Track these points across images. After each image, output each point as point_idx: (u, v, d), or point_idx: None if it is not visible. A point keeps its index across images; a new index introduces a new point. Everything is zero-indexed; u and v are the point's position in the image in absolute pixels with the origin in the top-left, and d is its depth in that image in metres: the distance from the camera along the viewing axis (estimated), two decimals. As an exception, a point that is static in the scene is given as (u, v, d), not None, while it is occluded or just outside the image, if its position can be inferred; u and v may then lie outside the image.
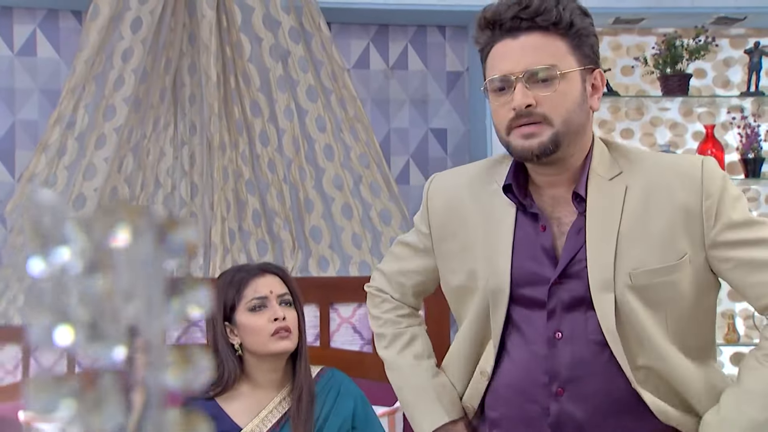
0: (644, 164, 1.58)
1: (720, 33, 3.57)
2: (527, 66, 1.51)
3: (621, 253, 1.53)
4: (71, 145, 2.91)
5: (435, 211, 1.71)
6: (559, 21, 1.52)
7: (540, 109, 1.51)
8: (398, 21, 3.42)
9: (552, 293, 1.56)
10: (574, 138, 1.54)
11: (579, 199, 1.56)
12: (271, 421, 2.15)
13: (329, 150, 3.06)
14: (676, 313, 1.55)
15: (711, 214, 1.53)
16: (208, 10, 2.99)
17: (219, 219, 2.97)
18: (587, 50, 1.55)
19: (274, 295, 2.16)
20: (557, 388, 1.56)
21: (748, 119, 3.53)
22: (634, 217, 1.54)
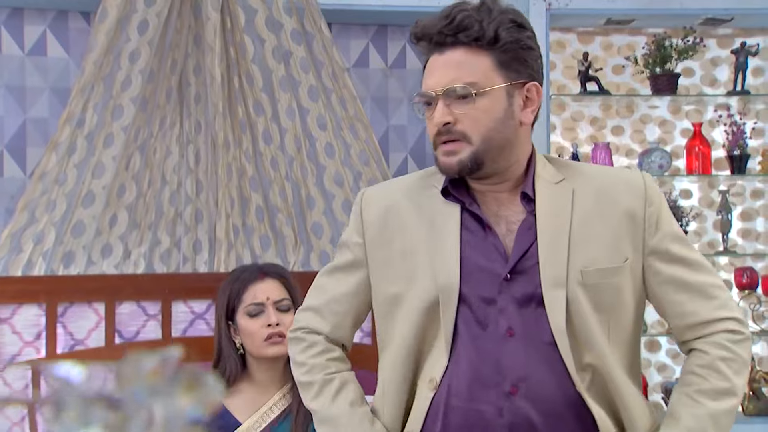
0: (587, 173, 1.58)
1: (707, 33, 3.60)
2: (446, 83, 1.47)
3: (573, 250, 1.50)
4: (81, 144, 2.93)
5: (369, 221, 1.62)
6: (481, 36, 1.47)
7: (459, 127, 1.48)
8: (396, 21, 3.44)
9: (502, 290, 1.51)
10: (499, 154, 1.50)
11: (527, 199, 1.53)
12: (270, 417, 2.19)
13: (330, 148, 3.08)
14: (617, 321, 1.53)
15: (653, 222, 1.53)
16: (213, 12, 3.01)
17: (223, 215, 2.99)
18: (517, 65, 1.49)
19: (270, 301, 2.20)
20: (510, 387, 1.49)
21: (735, 117, 3.55)
22: (584, 217, 1.52)
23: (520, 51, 1.49)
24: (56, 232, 2.87)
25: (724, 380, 1.49)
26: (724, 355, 1.50)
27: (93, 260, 2.91)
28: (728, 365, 1.50)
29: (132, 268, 2.95)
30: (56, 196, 2.90)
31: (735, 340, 1.52)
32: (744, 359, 1.52)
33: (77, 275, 2.87)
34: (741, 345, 1.52)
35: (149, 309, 2.87)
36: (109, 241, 2.94)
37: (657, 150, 3.49)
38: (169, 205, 3.02)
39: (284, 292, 2.23)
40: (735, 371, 1.50)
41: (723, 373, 1.50)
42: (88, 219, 2.90)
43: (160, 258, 2.99)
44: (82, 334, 2.84)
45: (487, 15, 1.47)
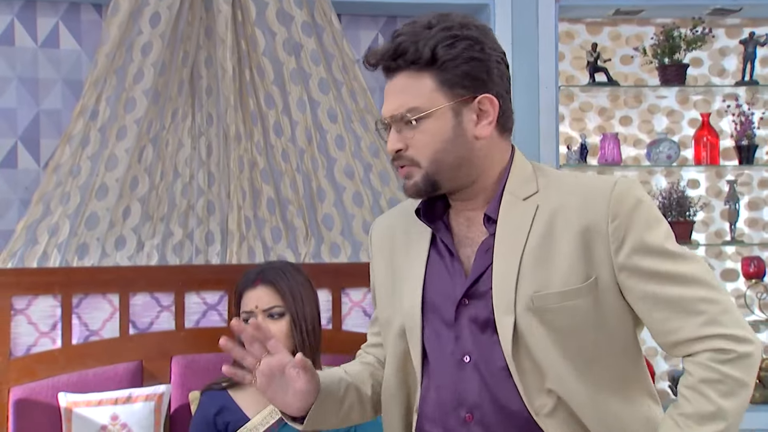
0: (561, 185, 1.48)
1: (716, 23, 3.56)
2: (391, 111, 1.45)
3: (524, 274, 1.42)
4: (94, 136, 2.92)
5: (375, 249, 1.64)
6: (417, 59, 1.41)
7: (409, 152, 1.44)
8: (406, 12, 3.41)
9: (459, 314, 1.46)
10: (455, 172, 1.44)
11: (490, 221, 1.47)
12: (278, 414, 2.19)
13: (340, 140, 3.07)
14: (582, 341, 1.42)
15: (618, 237, 1.41)
16: (224, 5, 2.99)
17: (235, 207, 2.99)
18: (462, 80, 1.42)
19: (259, 309, 2.20)
20: (466, 414, 1.45)
21: (743, 107, 3.53)
22: (540, 238, 1.43)
23: (464, 66, 1.42)
24: (70, 224, 2.87)
25: (709, 404, 1.36)
26: (709, 377, 1.37)
27: (107, 252, 2.91)
28: (713, 387, 1.37)
29: (145, 260, 2.95)
30: (70, 189, 2.90)
31: (723, 360, 1.37)
32: (736, 379, 1.37)
33: (92, 267, 2.87)
34: (731, 364, 1.37)
35: (163, 300, 2.87)
36: (123, 233, 2.94)
37: (665, 140, 3.46)
38: (182, 197, 3.01)
39: (276, 298, 2.21)
40: (722, 393, 1.37)
41: (707, 396, 1.37)
42: (102, 211, 2.90)
43: (172, 250, 2.99)
44: (97, 324, 2.84)
45: (426, 34, 1.42)
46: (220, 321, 2.90)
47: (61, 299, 2.80)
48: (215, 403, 2.22)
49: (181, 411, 2.72)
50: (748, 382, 1.39)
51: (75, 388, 2.70)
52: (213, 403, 2.22)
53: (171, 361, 2.80)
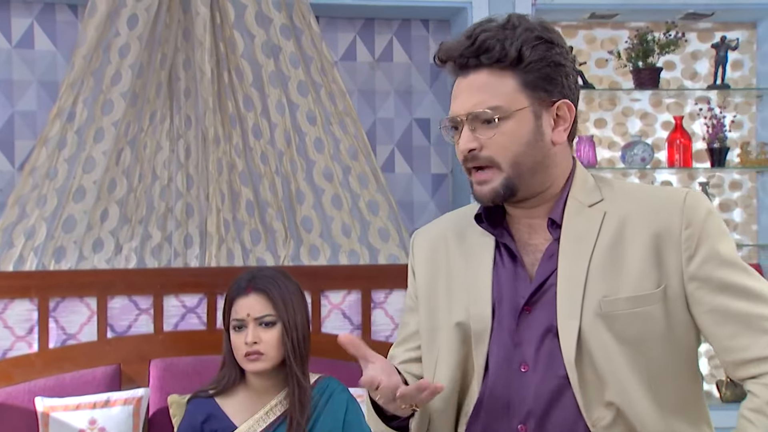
0: (627, 193, 1.45)
1: (688, 27, 3.60)
2: (470, 108, 1.38)
3: (592, 278, 1.37)
4: (71, 139, 2.89)
5: (418, 262, 1.58)
6: (503, 57, 1.37)
7: (486, 152, 1.39)
8: (383, 15, 3.41)
9: (521, 320, 1.41)
10: (531, 177, 1.41)
11: (554, 226, 1.43)
12: (266, 422, 2.18)
13: (319, 143, 3.06)
14: (649, 354, 1.37)
15: (691, 245, 1.37)
16: (202, 7, 2.96)
17: (214, 209, 2.97)
18: (544, 83, 1.39)
19: (251, 317, 2.18)
20: (518, 424, 1.40)
21: (714, 110, 3.57)
22: (609, 244, 1.39)
23: (547, 69, 1.38)
24: (47, 227, 2.84)
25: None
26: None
27: (84, 255, 2.88)
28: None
29: (123, 263, 2.92)
30: (47, 191, 2.86)
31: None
32: None
33: (69, 270, 2.84)
34: None
35: (141, 303, 2.85)
36: (100, 236, 2.91)
37: (639, 143, 3.49)
38: (160, 200, 2.99)
39: (268, 307, 2.19)
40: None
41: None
42: (79, 214, 2.87)
43: (151, 253, 2.96)
44: (74, 328, 2.81)
45: (511, 34, 1.38)
46: (199, 324, 2.88)
47: (38, 303, 2.77)
48: (202, 410, 2.20)
49: (160, 414, 2.70)
50: None
51: (52, 393, 2.67)
52: (200, 410, 2.20)
53: (149, 364, 2.78)
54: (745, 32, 3.66)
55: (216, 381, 2.24)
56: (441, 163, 3.50)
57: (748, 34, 3.66)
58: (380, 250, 3.04)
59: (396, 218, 3.08)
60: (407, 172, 3.47)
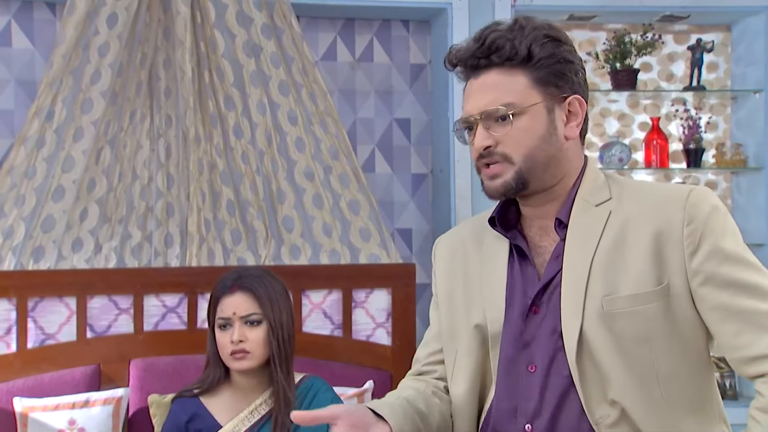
0: (635, 192, 1.46)
1: (665, 29, 3.63)
2: (483, 107, 1.42)
3: (594, 278, 1.39)
4: (50, 138, 2.86)
5: (439, 267, 1.63)
6: (514, 55, 1.41)
7: (500, 149, 1.42)
8: (364, 15, 3.41)
9: (530, 322, 1.44)
10: (544, 171, 1.43)
11: (561, 225, 1.45)
12: (250, 421, 2.17)
13: (300, 142, 3.05)
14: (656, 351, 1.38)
15: (693, 240, 1.37)
16: (183, 7, 2.94)
17: (195, 209, 2.95)
18: (555, 80, 1.42)
19: (237, 316, 2.18)
20: (525, 424, 1.42)
21: (690, 112, 3.60)
22: (611, 243, 1.41)
23: (557, 65, 1.42)
24: (26, 226, 2.80)
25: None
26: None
27: (63, 255, 2.85)
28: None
29: (103, 263, 2.89)
30: (25, 191, 2.83)
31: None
32: None
33: (48, 270, 2.81)
34: None
35: (121, 303, 2.82)
36: (80, 236, 2.88)
37: (617, 144, 3.52)
38: (140, 199, 2.96)
39: (254, 305, 2.18)
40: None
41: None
42: (58, 213, 2.84)
43: (131, 252, 2.94)
44: (53, 328, 2.78)
45: (520, 33, 1.41)
46: (180, 324, 2.86)
47: (17, 303, 2.74)
48: (187, 410, 2.19)
49: (140, 415, 2.68)
50: None
51: (31, 393, 2.64)
52: (184, 410, 2.19)
53: (129, 364, 2.76)
54: (720, 35, 3.69)
55: (200, 380, 2.23)
56: (421, 163, 3.50)
57: (723, 37, 3.70)
58: (361, 249, 3.04)
59: (377, 218, 3.07)
60: (387, 172, 3.47)
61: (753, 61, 3.55)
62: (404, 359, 2.92)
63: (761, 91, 3.49)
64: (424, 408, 1.52)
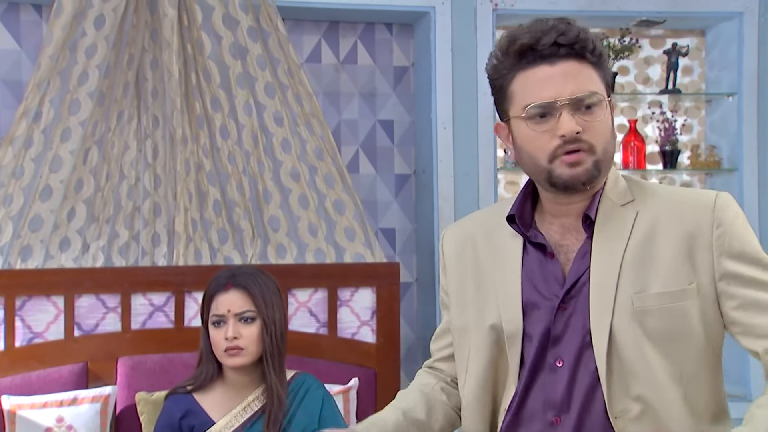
0: (657, 195, 1.48)
1: (641, 34, 3.66)
2: (572, 93, 1.39)
3: (624, 276, 1.40)
4: (37, 138, 2.83)
5: (449, 256, 1.61)
6: (593, 49, 1.42)
7: (585, 137, 1.40)
8: (348, 18, 3.41)
9: (557, 319, 1.44)
10: (609, 166, 1.45)
11: (588, 222, 1.45)
12: (243, 417, 2.17)
13: (286, 143, 3.05)
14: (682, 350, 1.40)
15: (721, 243, 1.41)
16: (170, 9, 2.93)
17: (182, 209, 2.94)
18: (609, 79, 1.46)
19: (231, 313, 2.17)
20: (553, 417, 1.43)
21: (666, 114, 3.63)
22: (641, 242, 1.42)
23: (608, 67, 1.46)
24: (13, 226, 2.78)
25: None
26: None
27: (51, 254, 2.83)
28: None
29: (91, 262, 2.88)
30: (13, 190, 2.81)
31: None
32: None
33: (36, 269, 2.79)
34: None
35: (108, 302, 2.81)
36: (68, 235, 2.86)
37: (596, 145, 3.55)
38: (128, 199, 2.95)
39: (248, 303, 2.18)
40: None
41: None
42: (46, 213, 2.82)
43: (118, 251, 2.92)
44: (41, 327, 2.76)
45: (584, 30, 1.42)
46: (167, 322, 2.85)
47: (4, 301, 2.72)
48: (180, 406, 2.18)
49: (127, 412, 2.67)
50: None
51: (19, 391, 2.62)
52: (178, 406, 2.19)
53: (117, 362, 2.74)
54: (694, 39, 3.73)
55: (193, 377, 2.22)
56: (404, 163, 3.51)
57: (698, 41, 3.74)
58: (346, 249, 3.04)
59: (361, 217, 3.08)
60: (371, 173, 3.47)
61: (726, 66, 3.59)
62: (389, 357, 2.93)
63: (734, 95, 3.53)
64: (424, 416, 1.56)
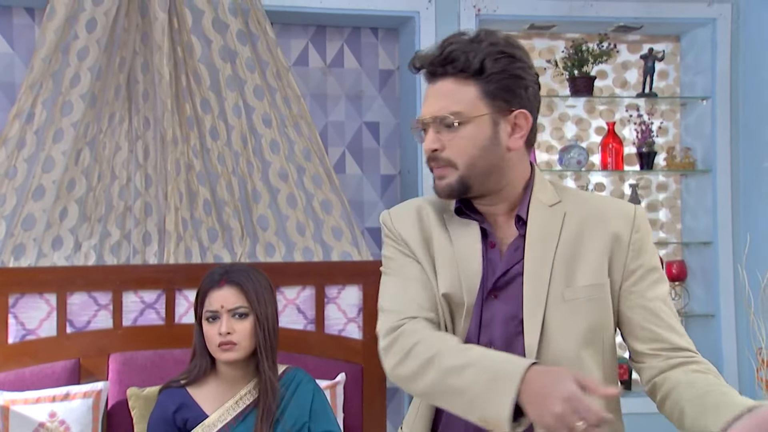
0: (581, 199, 1.57)
1: (619, 39, 3.72)
2: (434, 113, 1.48)
3: (556, 270, 1.48)
4: (30, 139, 2.85)
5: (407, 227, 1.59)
6: (467, 67, 1.46)
7: (445, 153, 1.48)
8: (335, 23, 3.44)
9: (488, 306, 1.50)
10: (486, 178, 1.49)
11: (521, 222, 1.53)
12: (236, 411, 2.20)
13: (275, 144, 3.07)
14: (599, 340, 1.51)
15: (636, 248, 1.52)
16: (161, 13, 2.95)
17: (172, 208, 2.95)
18: (504, 94, 1.47)
19: (224, 309, 2.20)
20: None
21: (643, 117, 3.69)
22: (570, 239, 1.51)
23: (507, 81, 1.47)
24: (6, 225, 2.79)
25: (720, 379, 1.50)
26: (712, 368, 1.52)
27: (44, 252, 2.84)
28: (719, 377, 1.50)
29: (83, 260, 2.89)
30: (6, 190, 2.82)
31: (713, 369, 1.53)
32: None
33: (28, 267, 2.80)
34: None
35: (100, 299, 2.82)
36: (60, 234, 2.87)
37: (575, 147, 3.59)
38: (119, 198, 2.96)
39: (241, 299, 2.21)
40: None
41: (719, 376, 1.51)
42: (39, 212, 2.83)
43: (110, 250, 2.94)
44: (34, 324, 2.77)
45: (477, 46, 1.47)
46: (158, 319, 2.87)
47: (-2, 299, 2.72)
48: (174, 400, 2.20)
49: (119, 407, 2.68)
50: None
51: (12, 387, 2.63)
52: (172, 400, 2.20)
53: (109, 358, 2.76)
54: (670, 45, 3.79)
55: (187, 371, 2.24)
56: (390, 164, 3.54)
57: (673, 47, 3.80)
58: (333, 247, 3.07)
59: (348, 217, 3.11)
60: (357, 173, 3.51)
61: (701, 70, 3.65)
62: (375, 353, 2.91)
63: (708, 98, 3.60)
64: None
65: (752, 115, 3.52)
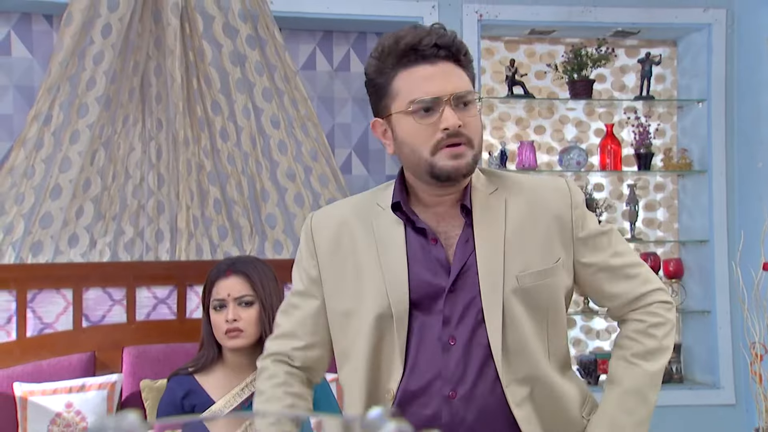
0: (515, 182, 1.54)
1: (617, 44, 3.71)
2: (454, 90, 1.42)
3: (508, 257, 1.46)
4: (48, 140, 2.87)
5: (321, 242, 1.54)
6: (465, 53, 1.46)
7: (465, 131, 1.43)
8: (341, 28, 3.45)
9: (447, 301, 1.46)
10: (479, 160, 1.49)
11: (466, 211, 1.49)
12: (242, 397, 2.21)
13: (283, 145, 3.08)
14: (554, 322, 1.50)
15: (579, 222, 1.52)
16: (173, 19, 2.97)
17: (184, 207, 2.97)
18: (474, 82, 1.49)
19: (231, 297, 2.21)
20: (449, 392, 1.45)
21: (641, 119, 3.68)
22: (517, 225, 1.49)
23: (473, 74, 1.49)
24: (25, 223, 2.81)
25: (656, 342, 1.52)
26: (657, 321, 1.53)
27: (60, 249, 2.86)
28: (659, 329, 1.53)
29: (98, 257, 2.91)
30: (25, 189, 2.84)
31: (667, 308, 1.55)
32: (673, 323, 1.55)
33: (46, 263, 2.82)
34: (671, 311, 1.55)
35: (114, 295, 2.84)
36: (76, 232, 2.89)
37: (575, 148, 3.59)
38: (132, 197, 2.98)
39: (247, 287, 2.22)
40: (665, 334, 1.53)
41: (655, 336, 1.52)
42: (56, 211, 2.85)
43: (124, 247, 2.96)
44: (51, 318, 2.79)
45: (457, 36, 1.47)
46: (170, 314, 2.88)
47: (16, 294, 2.75)
48: (182, 387, 2.22)
49: (133, 398, 2.70)
50: (675, 325, 1.58)
51: (30, 378, 2.65)
52: (180, 387, 2.22)
53: (123, 351, 2.77)
54: (667, 49, 3.78)
55: (195, 360, 2.26)
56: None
57: (670, 51, 3.79)
58: (339, 244, 3.08)
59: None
60: (363, 174, 3.51)
61: (697, 74, 3.65)
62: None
63: (704, 101, 3.59)
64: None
65: (747, 117, 3.51)
